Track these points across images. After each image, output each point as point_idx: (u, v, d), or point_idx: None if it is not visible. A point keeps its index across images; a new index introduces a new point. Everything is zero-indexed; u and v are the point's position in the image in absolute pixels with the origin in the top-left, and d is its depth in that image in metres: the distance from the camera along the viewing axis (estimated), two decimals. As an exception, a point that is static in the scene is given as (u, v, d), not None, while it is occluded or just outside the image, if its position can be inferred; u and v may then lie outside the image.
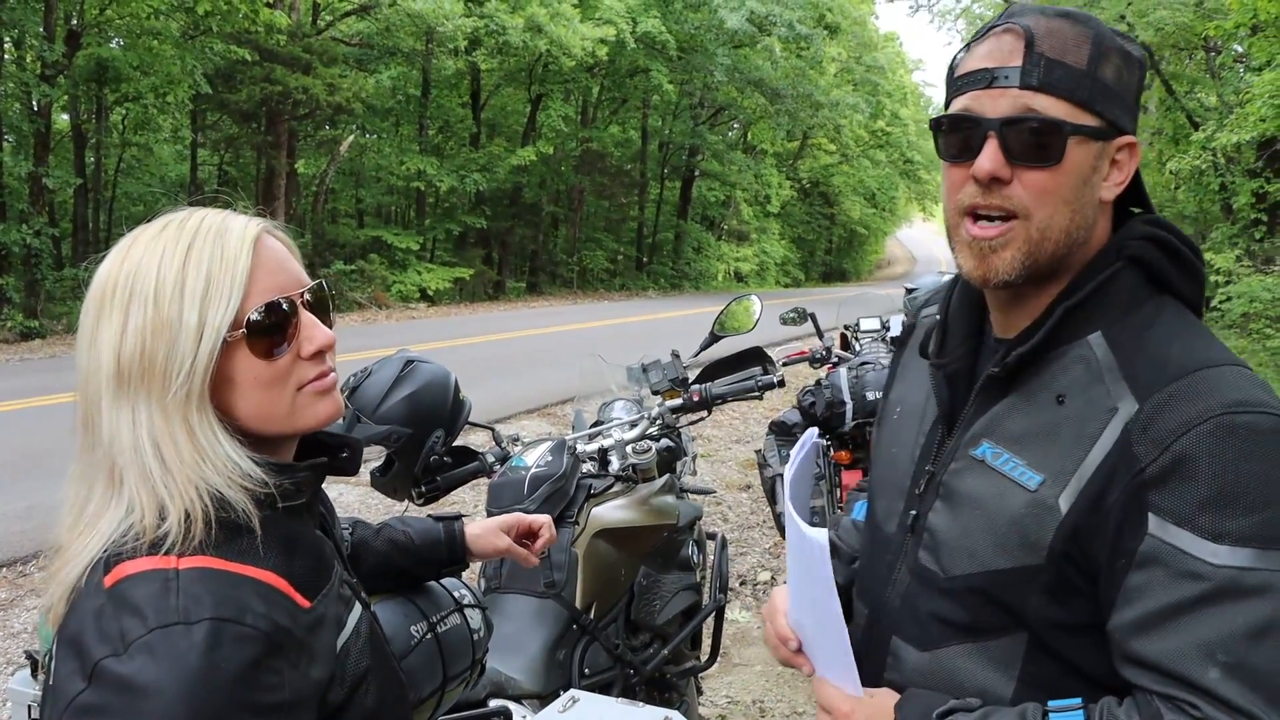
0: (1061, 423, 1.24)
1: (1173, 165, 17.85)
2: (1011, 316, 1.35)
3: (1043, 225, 1.25)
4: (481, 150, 29.53)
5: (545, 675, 2.61)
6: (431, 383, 2.55)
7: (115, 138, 22.01)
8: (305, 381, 1.22)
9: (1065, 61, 1.23)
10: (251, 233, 1.20)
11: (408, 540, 1.80)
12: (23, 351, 14.74)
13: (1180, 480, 1.13)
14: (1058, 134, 1.23)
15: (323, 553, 1.26)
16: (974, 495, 1.30)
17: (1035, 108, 1.23)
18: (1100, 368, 1.24)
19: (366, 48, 25.52)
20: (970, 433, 1.34)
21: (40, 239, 16.66)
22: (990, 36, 1.28)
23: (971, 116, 1.26)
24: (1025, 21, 1.25)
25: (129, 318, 1.14)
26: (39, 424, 8.97)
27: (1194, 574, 1.11)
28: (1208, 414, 1.14)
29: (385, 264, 25.70)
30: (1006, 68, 1.24)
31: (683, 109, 37.35)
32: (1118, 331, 1.26)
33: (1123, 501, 1.16)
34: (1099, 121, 1.26)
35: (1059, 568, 1.21)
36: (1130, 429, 1.17)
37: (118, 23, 18.27)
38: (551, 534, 1.95)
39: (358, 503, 7.07)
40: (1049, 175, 1.24)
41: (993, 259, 1.27)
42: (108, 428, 1.15)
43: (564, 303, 29.34)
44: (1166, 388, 1.18)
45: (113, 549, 1.11)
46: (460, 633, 1.84)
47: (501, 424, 9.77)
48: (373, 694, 1.24)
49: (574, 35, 26.24)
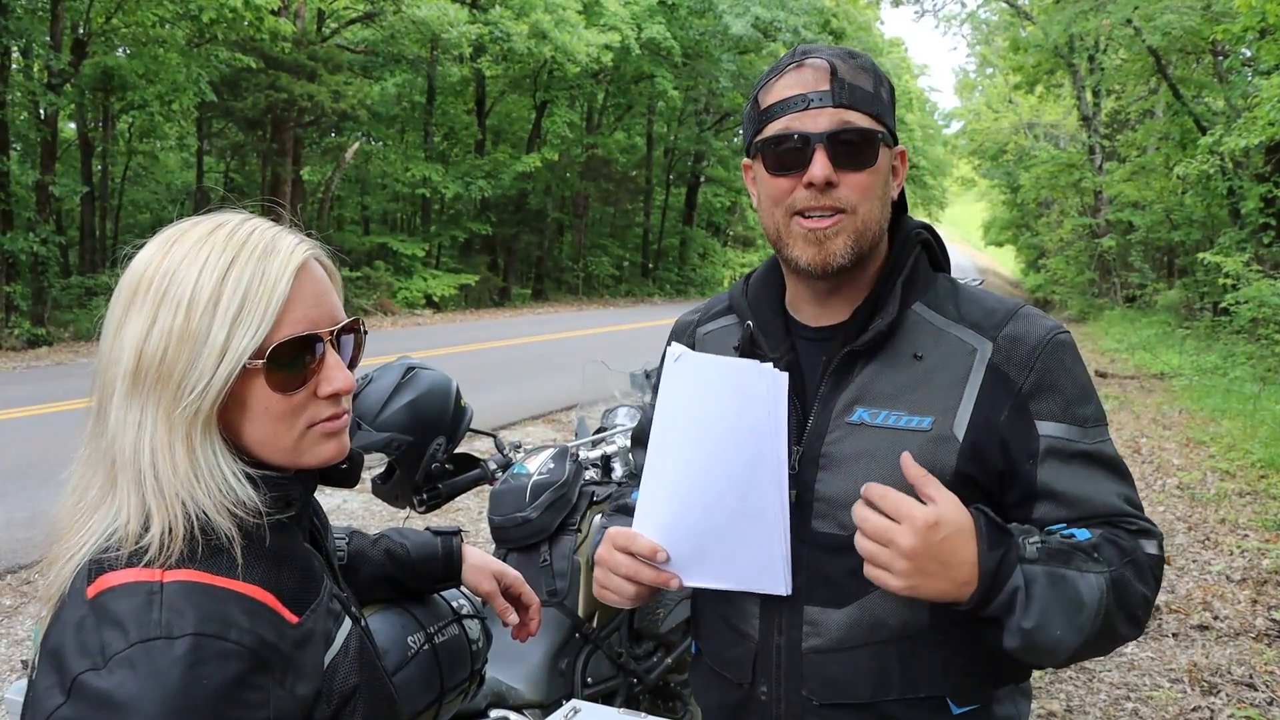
0: (927, 372, 1.49)
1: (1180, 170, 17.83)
2: (832, 305, 1.58)
3: (865, 217, 1.49)
4: (487, 157, 29.60)
5: (547, 685, 2.58)
6: (432, 389, 2.53)
7: (121, 146, 22.12)
8: (316, 420, 1.20)
9: (859, 85, 1.48)
10: (297, 259, 1.17)
11: (404, 553, 1.77)
12: (29, 359, 14.77)
13: (1047, 390, 1.46)
14: (871, 142, 1.48)
15: (311, 567, 1.23)
16: (863, 452, 1.48)
17: (850, 121, 1.46)
18: (938, 326, 1.52)
19: (371, 55, 25.58)
20: (839, 404, 1.51)
21: (47, 247, 16.72)
22: (789, 71, 1.51)
23: (799, 132, 1.47)
24: (822, 56, 1.50)
25: (158, 318, 1.12)
26: (45, 431, 8.97)
27: (1082, 453, 1.46)
28: (1045, 338, 1.48)
29: (391, 271, 25.75)
30: (818, 91, 1.47)
31: (688, 115, 37.39)
32: (930, 299, 1.55)
33: (1011, 416, 1.45)
34: (888, 132, 1.52)
35: (960, 487, 1.41)
36: (995, 360, 1.47)
37: (124, 31, 18.35)
38: (538, 621, 1.87)
39: (361, 509, 7.05)
40: (868, 176, 1.48)
41: (829, 245, 1.48)
42: (114, 422, 1.13)
43: (569, 309, 29.36)
44: (1005, 327, 1.49)
45: (98, 554, 1.09)
46: (458, 644, 1.81)
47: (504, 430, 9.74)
48: (360, 713, 1.20)
49: (579, 42, 26.29)
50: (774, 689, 1.54)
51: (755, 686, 1.56)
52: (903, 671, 1.47)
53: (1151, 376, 15.13)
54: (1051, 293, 35.51)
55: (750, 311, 1.64)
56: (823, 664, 1.49)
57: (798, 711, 1.53)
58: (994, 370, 1.46)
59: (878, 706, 1.48)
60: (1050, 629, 1.33)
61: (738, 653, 1.59)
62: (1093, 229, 29.04)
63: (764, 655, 1.55)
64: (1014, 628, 1.33)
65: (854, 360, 1.52)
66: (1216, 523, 7.25)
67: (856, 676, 1.48)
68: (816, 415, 1.52)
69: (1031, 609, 1.32)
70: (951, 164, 62.35)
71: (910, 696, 1.48)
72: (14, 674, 4.59)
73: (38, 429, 9.14)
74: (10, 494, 6.98)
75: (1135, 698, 4.56)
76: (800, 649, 1.51)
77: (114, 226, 22.13)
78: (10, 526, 6.34)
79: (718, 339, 1.71)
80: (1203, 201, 19.87)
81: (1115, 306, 27.18)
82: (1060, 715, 4.40)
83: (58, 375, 12.96)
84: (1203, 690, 4.61)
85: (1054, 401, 1.45)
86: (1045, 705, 4.46)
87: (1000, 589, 1.32)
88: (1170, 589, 5.94)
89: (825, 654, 1.49)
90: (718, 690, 1.66)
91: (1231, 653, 5.01)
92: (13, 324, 16.21)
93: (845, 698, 1.49)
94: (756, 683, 1.56)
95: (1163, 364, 16.04)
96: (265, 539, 1.16)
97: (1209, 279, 18.69)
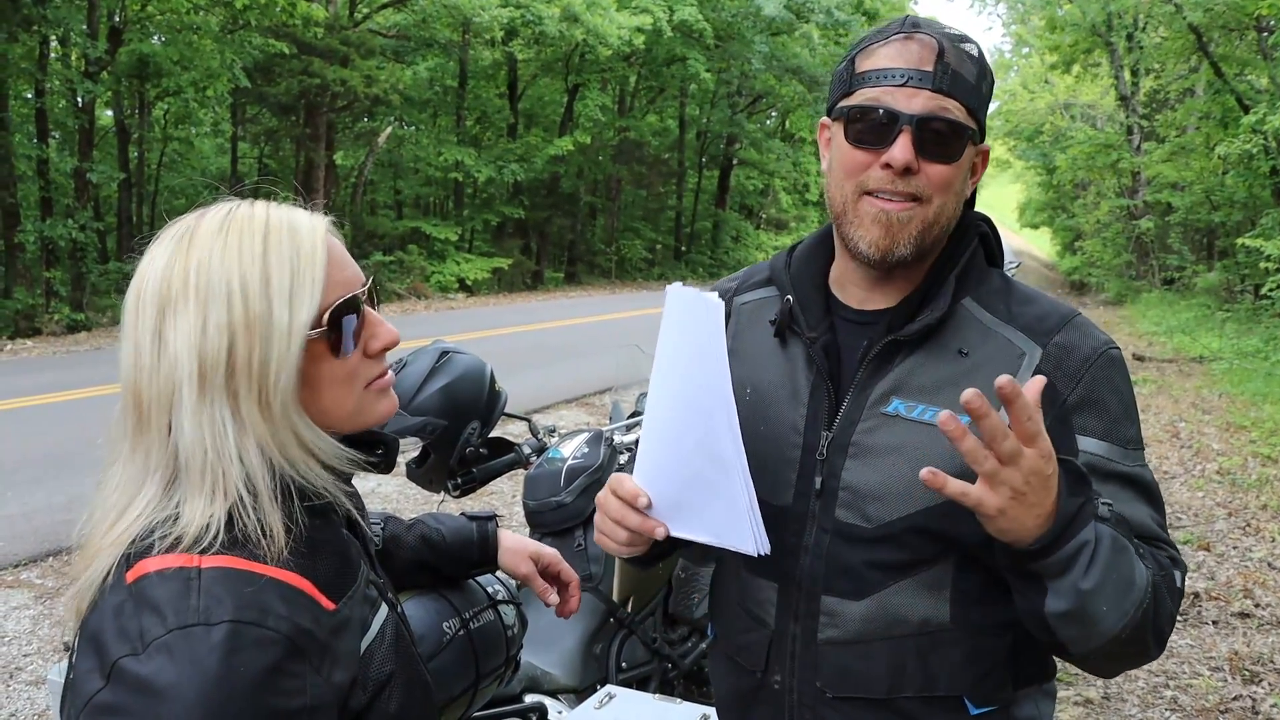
0: (972, 369, 1.42)
1: (1221, 149, 17.57)
2: (881, 290, 1.52)
3: (937, 210, 1.43)
4: (519, 140, 29.58)
5: (582, 669, 2.58)
6: (467, 373, 2.52)
7: (157, 132, 22.28)
8: (372, 379, 1.23)
9: (963, 73, 1.41)
10: (321, 229, 1.19)
11: (440, 538, 1.77)
12: (69, 344, 14.95)
13: (1094, 405, 1.41)
14: (960, 135, 1.41)
15: (348, 553, 1.23)
16: (895, 446, 1.43)
17: (945, 109, 1.39)
18: (987, 324, 1.46)
19: (403, 39, 25.61)
20: (875, 393, 1.46)
21: (86, 233, 16.92)
22: (895, 40, 1.42)
23: (890, 109, 1.39)
24: (933, 34, 1.41)
25: (209, 315, 1.10)
26: (83, 416, 9.09)
27: (1121, 474, 1.41)
28: (1097, 352, 1.43)
29: (424, 255, 25.84)
30: (920, 70, 1.39)
31: (720, 97, 37.18)
32: (981, 296, 1.49)
33: (1053, 426, 1.32)
34: (978, 128, 1.45)
35: None
36: (1044, 367, 1.41)
37: (158, 19, 18.46)
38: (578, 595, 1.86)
39: (396, 493, 7.10)
40: (950, 169, 1.41)
41: (898, 232, 1.42)
42: (189, 430, 1.10)
43: (602, 292, 29.37)
44: (1058, 333, 1.44)
45: (140, 544, 1.09)
46: (493, 629, 1.81)
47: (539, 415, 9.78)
48: (395, 700, 1.20)
49: (610, 24, 26.18)
50: (787, 678, 1.52)
51: (769, 675, 1.54)
52: (920, 668, 1.44)
53: (1190, 360, 14.95)
54: (1088, 275, 35.15)
55: (792, 285, 1.58)
56: (838, 656, 1.47)
57: (810, 702, 1.50)
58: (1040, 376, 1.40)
59: (893, 703, 1.46)
60: (1101, 598, 1.26)
61: (752, 639, 1.57)
62: (1130, 210, 28.68)
63: (779, 643, 1.52)
64: (1067, 587, 1.26)
65: (896, 349, 1.47)
66: (1258, 509, 7.16)
67: (872, 671, 1.46)
68: (850, 401, 1.48)
69: (1093, 570, 1.25)
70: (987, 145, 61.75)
71: (927, 694, 1.45)
72: (56, 655, 4.66)
73: (76, 413, 9.26)
74: (50, 478, 7.08)
75: (1174, 685, 4.51)
76: (816, 639, 1.48)
77: (151, 213, 22.33)
78: (50, 510, 6.44)
79: (753, 311, 1.65)
80: (1244, 182, 19.54)
81: (1153, 289, 26.87)
82: (1098, 703, 4.36)
83: (96, 360, 13.11)
84: (1244, 679, 4.55)
85: (1099, 418, 1.41)
86: (1082, 692, 4.42)
87: (1071, 538, 1.24)
88: (1211, 576, 5.87)
89: (841, 646, 1.47)
90: (732, 676, 1.64)
91: (1274, 641, 4.94)
92: (52, 309, 16.41)
93: (859, 691, 1.47)
94: (770, 671, 1.54)
95: (1202, 347, 15.85)
96: (300, 526, 1.15)
97: (1250, 261, 18.42)
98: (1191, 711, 4.28)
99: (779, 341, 1.58)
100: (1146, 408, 10.90)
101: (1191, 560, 6.11)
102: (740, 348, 1.62)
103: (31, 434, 8.44)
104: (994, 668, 1.45)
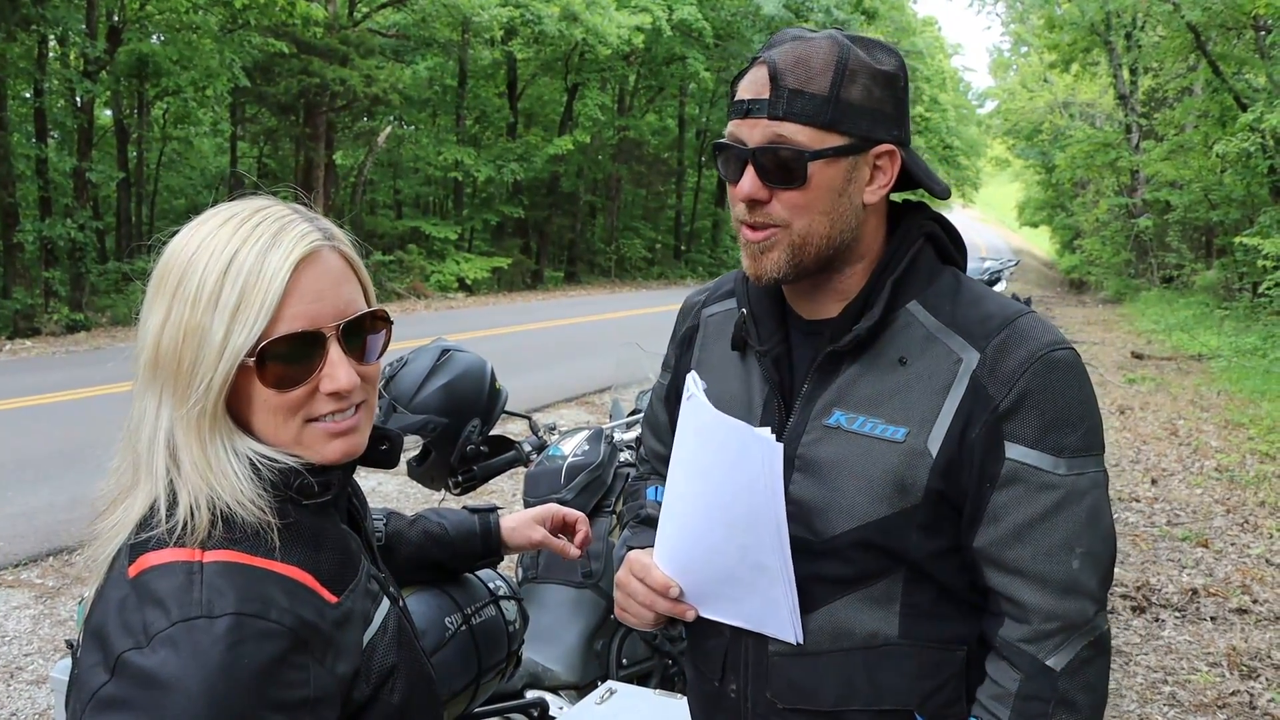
0: (911, 380, 1.41)
1: (1219, 148, 17.56)
2: (818, 301, 1.51)
3: (803, 232, 1.41)
4: (518, 140, 29.57)
5: (582, 666, 2.59)
6: (468, 372, 2.53)
7: (156, 132, 22.27)
8: (316, 416, 1.18)
9: (807, 91, 1.36)
10: (299, 252, 1.15)
11: (442, 532, 1.78)
12: (68, 344, 14.95)
13: (1026, 411, 1.35)
14: (799, 159, 1.37)
15: (349, 547, 1.24)
16: (837, 459, 1.42)
17: (783, 135, 1.37)
18: (929, 329, 1.43)
19: (403, 39, 25.60)
20: (819, 405, 1.46)
21: (85, 233, 16.90)
22: (752, 68, 1.42)
23: (735, 143, 1.42)
24: (774, 54, 1.39)
25: (171, 310, 1.13)
26: (84, 416, 9.09)
27: (1048, 485, 1.35)
28: (1035, 355, 1.36)
29: (423, 254, 25.82)
30: (758, 100, 1.38)
31: (720, 96, 37.11)
32: (928, 298, 1.46)
33: (983, 435, 1.36)
34: (845, 140, 1.38)
35: (934, 504, 1.39)
36: (979, 373, 1.37)
37: (157, 18, 18.45)
38: (587, 529, 1.91)
39: (396, 492, 7.11)
40: (799, 194, 1.39)
41: (763, 260, 1.43)
42: (134, 411, 1.16)
43: (601, 291, 29.36)
44: (997, 336, 1.39)
45: (136, 536, 1.11)
46: (495, 625, 1.82)
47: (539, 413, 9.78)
48: (399, 691, 1.21)
49: (610, 23, 26.17)
50: (742, 687, 1.53)
51: (725, 684, 1.56)
52: (868, 681, 1.44)
53: (1189, 358, 14.96)
54: (1087, 273, 35.17)
55: (748, 298, 1.58)
56: (787, 667, 1.47)
57: (763, 712, 1.51)
58: (975, 383, 1.37)
59: (840, 715, 1.46)
60: None
61: (710, 646, 1.58)
62: (1129, 209, 28.69)
63: (734, 653, 1.54)
64: None
65: (839, 360, 1.46)
66: (1256, 505, 7.18)
67: (820, 683, 1.45)
68: (797, 413, 1.48)
69: None
70: (985, 144, 61.71)
71: (875, 708, 1.44)
72: (58, 654, 4.67)
73: (77, 413, 9.26)
74: (51, 478, 7.09)
75: (1172, 681, 4.52)
76: (767, 650, 1.49)
77: (150, 212, 22.31)
78: (52, 509, 6.44)
79: (719, 324, 1.66)
80: (1242, 180, 19.55)
81: (1152, 287, 26.88)
82: (1097, 698, 4.37)
83: (96, 360, 13.11)
84: (1242, 674, 4.57)
85: (1030, 425, 1.35)
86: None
87: None
88: (1209, 572, 5.88)
89: (789, 658, 1.47)
90: (697, 683, 1.67)
91: (1271, 637, 4.96)
92: (52, 309, 16.40)
93: (808, 704, 1.47)
94: (726, 680, 1.55)
95: (1200, 345, 15.86)
96: (300, 520, 1.17)
97: (1248, 259, 18.42)
98: (1190, 707, 4.30)
99: (739, 355, 1.59)
100: (1145, 405, 10.92)
101: (1190, 557, 6.12)
102: (705, 359, 1.66)
103: (32, 434, 8.44)
104: (946, 683, 1.44)
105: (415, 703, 1.25)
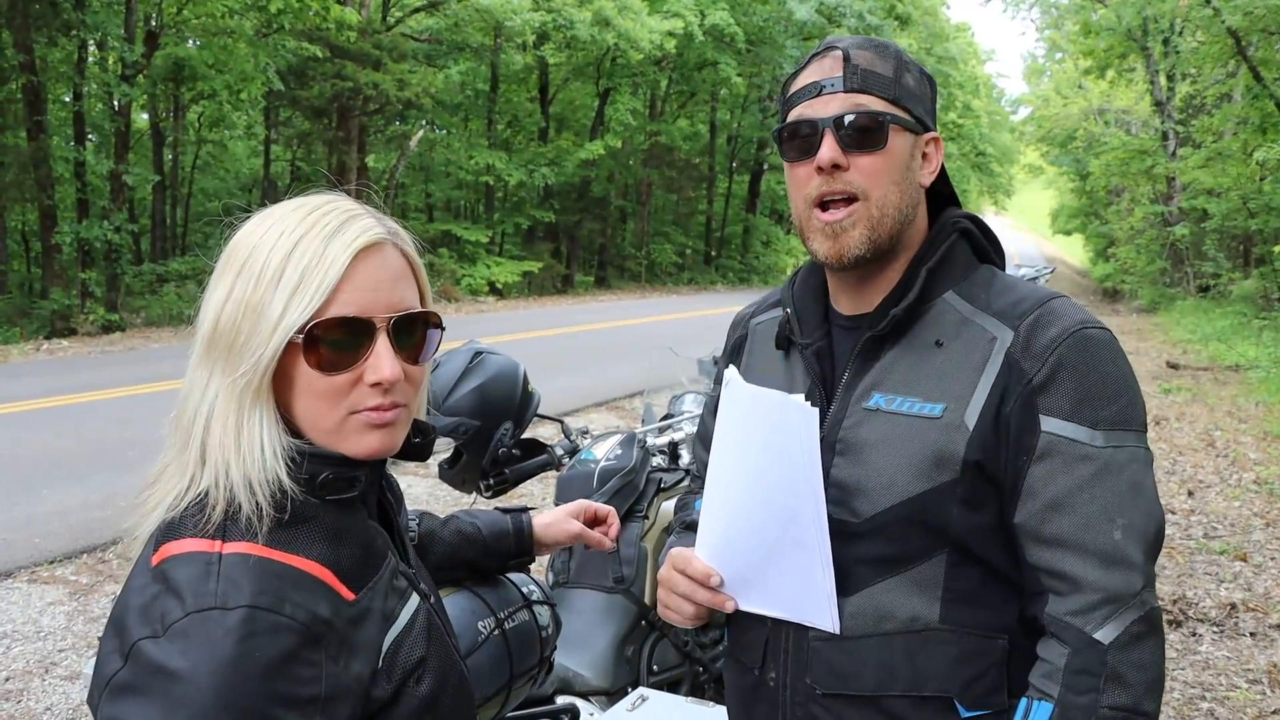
0: (947, 360, 1.46)
1: (1260, 155, 17.35)
2: (863, 294, 1.56)
3: (880, 203, 1.47)
4: (550, 144, 29.69)
5: (613, 672, 2.57)
6: (500, 374, 2.52)
7: (191, 135, 22.54)
8: (359, 408, 1.18)
9: (876, 70, 1.48)
10: (361, 242, 1.18)
11: (475, 532, 1.77)
12: (104, 344, 15.11)
13: (1060, 384, 1.38)
14: (880, 123, 1.46)
15: (373, 544, 1.23)
16: (878, 438, 1.46)
17: (861, 104, 1.46)
18: (964, 314, 1.49)
19: (436, 43, 25.76)
20: (859, 390, 1.51)
21: (121, 235, 17.12)
22: (812, 62, 1.53)
23: (808, 119, 1.48)
24: (840, 44, 1.51)
25: (235, 286, 1.16)
26: (117, 415, 9.18)
27: (1085, 457, 1.37)
28: (1068, 331, 1.40)
29: (454, 258, 25.95)
30: (831, 78, 1.48)
31: (751, 102, 37.17)
32: (964, 289, 1.52)
33: (1018, 408, 1.39)
34: (909, 116, 1.50)
35: (972, 477, 1.40)
36: (1013, 350, 1.41)
37: (194, 23, 18.68)
38: (618, 522, 1.93)
39: (426, 495, 7.12)
40: (878, 159, 1.47)
41: (844, 239, 1.47)
42: (186, 384, 1.18)
43: (632, 296, 29.37)
44: (1030, 315, 1.43)
45: (165, 520, 1.13)
46: (528, 629, 1.81)
47: (570, 417, 9.79)
48: (427, 684, 1.20)
49: (642, 29, 26.23)
50: (781, 675, 1.54)
51: (765, 672, 1.57)
52: (909, 666, 1.44)
53: (1226, 368, 14.76)
54: (1121, 282, 34.81)
55: (793, 300, 1.65)
56: (827, 653, 1.48)
57: (802, 700, 1.51)
58: (1010, 359, 1.41)
59: (881, 701, 1.45)
60: None
61: (751, 637, 1.59)
62: (1165, 217, 28.37)
63: (774, 641, 1.55)
64: None
65: (879, 347, 1.51)
66: (1296, 518, 7.06)
67: (860, 668, 1.46)
68: (838, 401, 1.52)
69: None
70: (1019, 151, 61.30)
71: (915, 694, 1.44)
72: (91, 650, 4.70)
73: (111, 413, 9.35)
74: (86, 476, 7.15)
75: (1211, 697, 4.45)
76: (807, 636, 1.50)
77: (184, 214, 22.56)
78: (86, 508, 6.50)
79: (765, 331, 1.73)
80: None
81: (1188, 296, 26.57)
82: (1133, 712, 4.30)
83: (131, 360, 13.25)
84: (1283, 690, 4.48)
85: (1064, 397, 1.37)
86: (1117, 702, 4.36)
87: None
88: (1248, 587, 5.79)
89: (830, 643, 1.48)
90: (736, 675, 1.67)
91: (1313, 652, 4.86)
92: (88, 310, 16.61)
93: (848, 689, 1.47)
94: (766, 668, 1.56)
95: (1238, 355, 15.64)
96: (323, 515, 1.17)
97: (1288, 268, 18.18)
98: (1228, 723, 4.22)
99: (783, 354, 1.65)
100: (1181, 416, 10.78)
101: (1228, 571, 6.03)
102: (753, 364, 1.71)
103: (67, 433, 8.53)
104: (986, 671, 1.43)
105: (446, 697, 1.24)
